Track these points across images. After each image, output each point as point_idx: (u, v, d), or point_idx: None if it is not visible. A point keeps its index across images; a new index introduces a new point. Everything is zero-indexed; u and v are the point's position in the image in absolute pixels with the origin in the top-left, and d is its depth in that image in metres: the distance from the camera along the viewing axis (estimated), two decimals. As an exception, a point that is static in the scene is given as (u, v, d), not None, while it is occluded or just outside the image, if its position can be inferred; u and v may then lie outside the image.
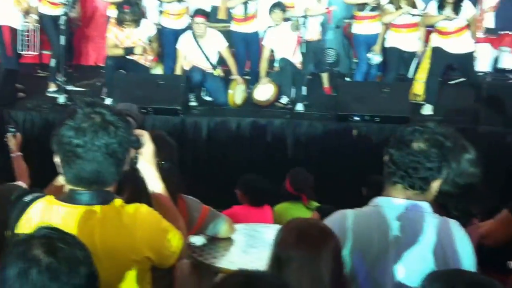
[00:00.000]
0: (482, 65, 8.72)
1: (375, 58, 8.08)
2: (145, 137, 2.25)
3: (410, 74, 8.09)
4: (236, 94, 7.58)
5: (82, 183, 2.01)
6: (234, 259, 3.21)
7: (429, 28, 7.83)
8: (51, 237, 1.47)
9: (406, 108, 6.74)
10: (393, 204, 2.30)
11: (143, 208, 2.09)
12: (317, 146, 6.81)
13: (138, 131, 2.26)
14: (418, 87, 7.79)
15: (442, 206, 2.56)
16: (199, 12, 7.58)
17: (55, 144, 2.01)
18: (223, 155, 6.92)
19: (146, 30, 7.69)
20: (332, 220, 2.36)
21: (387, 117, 6.65)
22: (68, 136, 1.96)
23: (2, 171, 4.59)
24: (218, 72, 7.74)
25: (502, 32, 9.07)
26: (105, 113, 1.99)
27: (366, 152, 6.63)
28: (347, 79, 8.83)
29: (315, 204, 5.02)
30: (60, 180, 2.30)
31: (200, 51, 7.61)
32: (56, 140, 2.00)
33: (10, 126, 4.58)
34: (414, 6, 7.60)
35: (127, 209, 2.06)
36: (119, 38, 7.57)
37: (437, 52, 7.41)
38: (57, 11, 7.62)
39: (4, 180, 3.58)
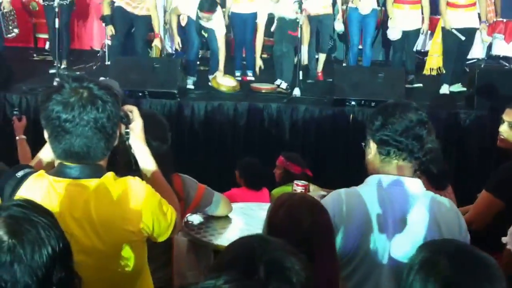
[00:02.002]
0: (476, 51, 8.76)
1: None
2: (134, 112, 2.22)
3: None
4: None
5: (71, 157, 1.99)
6: (231, 237, 3.22)
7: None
8: (17, 216, 1.45)
9: (402, 93, 6.76)
10: (388, 182, 2.30)
11: (136, 180, 2.08)
12: (313, 130, 6.83)
13: (128, 107, 2.23)
14: (433, 61, 7.93)
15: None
16: None
17: (43, 119, 1.98)
18: (220, 139, 6.93)
19: None
20: (328, 200, 2.36)
21: (383, 102, 6.63)
22: (56, 111, 1.94)
23: (3, 153, 4.58)
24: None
25: (496, 19, 9.11)
26: (92, 88, 1.97)
27: (361, 136, 6.65)
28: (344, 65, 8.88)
29: None
30: (42, 155, 2.28)
31: None
32: (44, 115, 1.97)
33: (15, 109, 4.57)
34: None
35: (120, 182, 2.05)
36: None
37: (447, 32, 7.49)
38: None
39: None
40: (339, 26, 8.27)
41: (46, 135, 2.02)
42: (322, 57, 8.46)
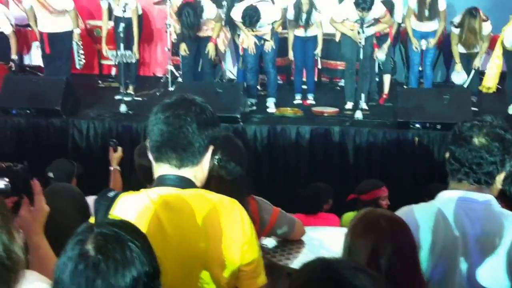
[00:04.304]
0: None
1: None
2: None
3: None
4: None
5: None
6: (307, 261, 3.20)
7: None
8: (108, 234, 1.48)
9: (469, 115, 6.61)
10: (458, 199, 2.26)
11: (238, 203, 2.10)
12: (378, 153, 6.77)
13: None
14: (489, 80, 7.83)
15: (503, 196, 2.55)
16: None
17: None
18: (283, 163, 6.94)
19: None
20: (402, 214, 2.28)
21: (449, 124, 6.54)
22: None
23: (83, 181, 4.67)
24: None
25: None
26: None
27: (428, 160, 6.56)
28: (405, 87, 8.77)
29: None
30: None
31: None
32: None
33: (111, 140, 4.61)
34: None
35: (226, 199, 2.06)
36: None
37: (508, 53, 7.39)
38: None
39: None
40: (381, 55, 8.12)
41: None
42: (387, 78, 8.36)
